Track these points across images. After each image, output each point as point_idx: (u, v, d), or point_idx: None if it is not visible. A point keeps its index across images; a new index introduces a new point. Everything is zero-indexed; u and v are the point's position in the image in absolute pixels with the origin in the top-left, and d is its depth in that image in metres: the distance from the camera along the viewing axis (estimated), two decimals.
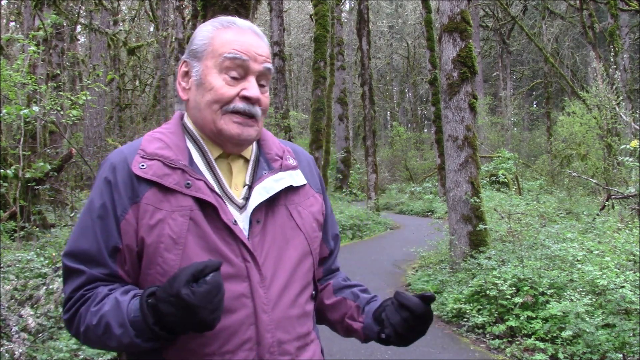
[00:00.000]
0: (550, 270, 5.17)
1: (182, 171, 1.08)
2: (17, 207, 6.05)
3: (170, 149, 1.11)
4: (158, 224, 1.04)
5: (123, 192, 1.07)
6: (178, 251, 1.03)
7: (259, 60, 1.13)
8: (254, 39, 1.14)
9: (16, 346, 2.96)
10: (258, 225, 1.11)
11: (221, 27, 1.14)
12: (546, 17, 23.81)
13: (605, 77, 13.02)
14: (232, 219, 1.08)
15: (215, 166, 1.14)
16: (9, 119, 5.29)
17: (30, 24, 9.88)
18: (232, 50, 1.11)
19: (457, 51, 6.86)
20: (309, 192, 1.23)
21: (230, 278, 1.04)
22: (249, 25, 1.16)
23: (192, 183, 1.07)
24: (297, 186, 1.20)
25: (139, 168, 1.07)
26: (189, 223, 1.04)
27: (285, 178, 1.17)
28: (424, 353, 4.50)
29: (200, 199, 1.06)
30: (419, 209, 18.51)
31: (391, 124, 39.50)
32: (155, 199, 1.06)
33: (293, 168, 1.21)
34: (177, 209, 1.05)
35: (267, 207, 1.13)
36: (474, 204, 6.55)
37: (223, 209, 1.07)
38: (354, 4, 27.02)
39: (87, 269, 1.06)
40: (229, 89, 1.11)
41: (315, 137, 14.74)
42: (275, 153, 1.22)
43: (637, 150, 5.81)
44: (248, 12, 4.46)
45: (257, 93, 1.12)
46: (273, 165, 1.19)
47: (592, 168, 12.55)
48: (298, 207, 1.18)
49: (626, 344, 3.92)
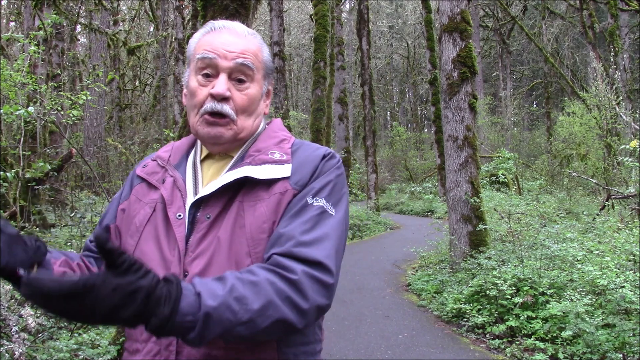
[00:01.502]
0: (550, 270, 5.17)
1: (165, 170, 1.20)
2: (17, 207, 6.05)
3: (170, 151, 1.24)
4: (133, 213, 1.17)
5: (128, 186, 1.25)
6: (136, 237, 1.12)
7: (229, 57, 1.12)
8: (227, 37, 1.15)
9: (16, 346, 2.95)
10: (206, 221, 1.07)
11: (205, 33, 1.18)
12: (546, 17, 23.81)
13: (605, 77, 13.02)
14: (179, 213, 1.10)
15: (197, 165, 1.20)
16: (8, 118, 5.29)
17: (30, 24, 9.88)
18: (201, 51, 1.14)
19: (457, 51, 6.86)
20: (280, 188, 1.09)
21: (160, 269, 1.07)
22: (227, 24, 1.17)
23: (166, 179, 1.17)
24: (266, 181, 1.09)
25: (141, 168, 1.24)
26: (151, 214, 1.14)
27: (244, 171, 1.09)
28: (424, 353, 4.50)
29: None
30: (419, 209, 18.51)
31: (391, 124, 39.51)
32: (141, 192, 1.19)
33: (275, 162, 1.11)
34: (149, 201, 1.16)
35: (227, 204, 1.09)
36: (474, 204, 6.55)
37: (174, 203, 1.12)
38: (354, 4, 27.02)
39: (88, 242, 1.26)
40: (201, 90, 1.14)
41: (315, 137, 14.74)
42: (255, 149, 1.16)
43: (637, 150, 5.81)
44: (248, 12, 4.45)
45: (220, 89, 1.11)
46: (246, 160, 1.13)
47: (592, 168, 12.55)
48: (258, 203, 1.08)
49: (626, 344, 3.92)
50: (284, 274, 0.96)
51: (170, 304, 0.82)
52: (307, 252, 1.00)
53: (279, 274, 0.96)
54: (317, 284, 0.98)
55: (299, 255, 0.99)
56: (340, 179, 1.15)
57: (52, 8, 9.30)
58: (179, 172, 1.18)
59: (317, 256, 1.00)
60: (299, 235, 1.02)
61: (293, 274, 0.96)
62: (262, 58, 1.19)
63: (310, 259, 0.99)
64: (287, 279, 0.95)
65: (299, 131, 25.81)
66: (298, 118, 24.88)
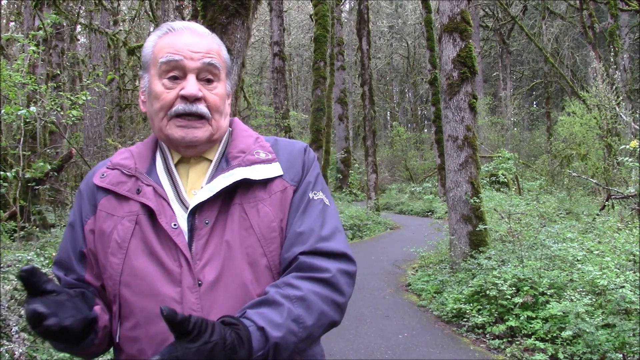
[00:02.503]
0: (550, 270, 5.17)
1: (136, 178, 1.11)
2: (17, 207, 6.05)
3: (132, 159, 1.15)
4: (108, 230, 1.08)
5: (87, 201, 1.14)
6: (122, 255, 1.06)
7: (196, 57, 1.10)
8: (190, 38, 1.12)
9: (16, 346, 2.95)
10: (205, 227, 1.05)
11: (162, 35, 1.14)
12: (546, 17, 23.80)
13: (605, 77, 13.02)
14: (173, 222, 1.05)
15: (173, 171, 1.14)
16: (9, 119, 5.29)
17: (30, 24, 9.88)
18: (165, 54, 1.10)
19: (457, 51, 6.86)
20: (278, 186, 1.12)
21: (164, 282, 1.03)
22: (186, 25, 1.15)
23: (142, 189, 1.09)
24: (264, 181, 1.10)
25: (99, 178, 1.14)
26: (135, 227, 1.07)
27: (239, 173, 1.09)
28: (424, 353, 4.50)
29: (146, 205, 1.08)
30: (419, 209, 18.51)
31: (391, 124, 39.50)
32: (109, 206, 1.11)
33: (263, 162, 1.12)
34: (126, 214, 1.08)
35: (222, 208, 1.08)
36: (474, 204, 6.55)
37: (164, 212, 1.06)
38: (354, 4, 27.02)
39: (63, 275, 1.13)
40: (168, 92, 1.10)
41: (315, 137, 14.74)
42: (238, 150, 1.15)
43: (637, 150, 5.81)
44: (248, 12, 4.45)
45: (192, 90, 1.08)
46: (231, 162, 1.12)
47: (592, 168, 12.55)
48: (260, 204, 1.09)
49: (626, 344, 3.92)
50: (322, 277, 1.03)
51: (245, 347, 0.90)
52: (330, 245, 1.07)
53: (316, 279, 1.03)
54: (347, 277, 1.07)
55: (325, 250, 1.06)
56: (319, 170, 1.22)
57: (52, 8, 9.29)
58: (153, 180, 1.11)
59: (340, 248, 1.08)
60: (318, 231, 1.08)
61: (328, 273, 1.04)
62: (224, 57, 1.18)
63: (336, 252, 1.07)
64: (325, 282, 1.03)
65: (299, 131, 25.80)
66: (298, 118, 24.87)
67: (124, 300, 1.05)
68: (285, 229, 1.11)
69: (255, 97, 24.35)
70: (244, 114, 16.07)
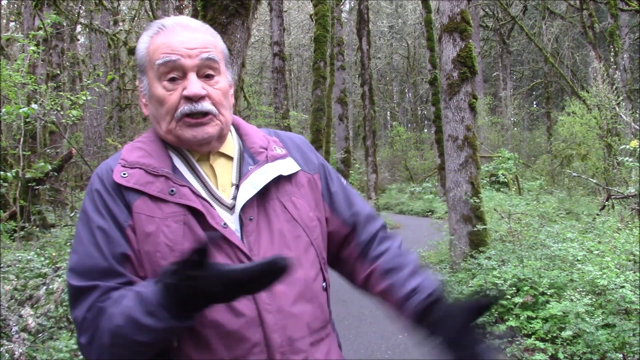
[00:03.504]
0: (550, 270, 5.17)
1: (166, 178, 1.06)
2: (17, 207, 6.05)
3: (152, 157, 1.09)
4: (152, 232, 1.02)
5: (118, 200, 1.05)
6: (175, 259, 0.98)
7: (193, 54, 1.07)
8: (183, 34, 1.09)
9: (16, 346, 2.95)
10: (251, 223, 1.07)
11: (154, 34, 1.12)
12: (546, 17, 23.80)
13: (605, 77, 13.01)
14: (222, 222, 1.05)
15: (199, 169, 1.12)
16: (9, 118, 5.29)
17: (30, 24, 9.88)
18: (161, 56, 1.07)
19: (457, 51, 6.86)
20: (302, 179, 1.18)
21: None
22: (178, 21, 1.12)
23: (177, 190, 1.05)
24: (289, 175, 1.15)
25: (121, 177, 1.06)
26: (184, 229, 1.03)
27: (272, 169, 1.12)
28: (424, 353, 4.49)
29: (188, 206, 1.04)
30: (419, 209, 18.51)
31: (391, 124, 39.51)
32: (146, 207, 1.04)
33: (282, 157, 1.16)
34: (169, 215, 1.03)
35: (259, 203, 1.10)
36: (474, 204, 6.55)
37: (211, 213, 1.05)
38: (354, 4, 27.01)
39: (102, 282, 1.00)
40: (170, 95, 1.07)
41: (315, 137, 14.74)
42: (259, 145, 1.17)
43: (637, 150, 5.81)
44: (248, 12, 4.45)
45: (195, 90, 1.06)
46: (258, 158, 1.14)
47: (592, 168, 12.56)
48: (292, 197, 1.14)
49: (626, 344, 3.92)
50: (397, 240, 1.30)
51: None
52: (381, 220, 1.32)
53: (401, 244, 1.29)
54: None
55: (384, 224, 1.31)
56: None
57: (52, 8, 9.30)
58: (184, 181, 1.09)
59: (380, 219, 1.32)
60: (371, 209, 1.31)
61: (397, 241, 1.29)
62: (221, 48, 1.16)
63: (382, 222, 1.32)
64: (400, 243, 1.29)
65: (299, 131, 25.79)
66: (298, 118, 24.88)
67: None
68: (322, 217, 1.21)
69: (255, 97, 24.34)
70: (244, 114, 16.06)
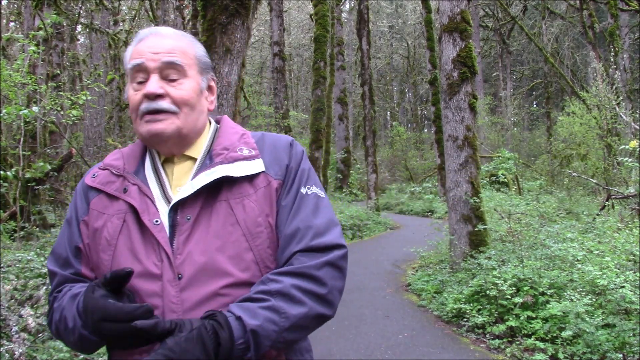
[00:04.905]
0: (550, 270, 5.17)
1: (123, 178, 1.17)
2: (17, 207, 6.05)
3: (122, 159, 1.21)
4: (99, 227, 1.14)
5: (82, 200, 1.20)
6: (110, 252, 1.11)
7: (156, 58, 1.14)
8: (152, 40, 1.17)
9: (16, 346, 2.95)
10: (187, 223, 1.09)
11: (134, 44, 1.20)
12: (546, 17, 23.80)
13: (605, 77, 13.01)
14: (155, 219, 1.10)
15: (160, 169, 1.18)
16: (9, 119, 5.29)
17: (30, 24, 9.88)
18: (129, 61, 1.17)
19: (457, 51, 6.86)
20: (262, 182, 1.14)
21: (144, 276, 1.07)
22: (154, 30, 1.20)
23: (128, 188, 1.15)
24: (247, 177, 1.13)
25: (90, 178, 1.21)
26: (122, 225, 1.12)
27: (222, 170, 1.12)
28: (424, 353, 4.50)
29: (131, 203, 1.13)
30: (419, 209, 18.51)
31: (391, 124, 39.50)
32: (100, 205, 1.16)
33: (245, 159, 1.15)
34: (115, 212, 1.14)
35: (206, 204, 1.11)
36: (474, 204, 6.55)
37: (148, 210, 1.11)
38: (354, 4, 27.01)
39: (60, 270, 1.17)
40: (135, 95, 1.15)
41: (315, 137, 14.74)
42: (222, 147, 1.18)
43: (637, 150, 5.81)
44: (248, 12, 4.45)
45: (151, 88, 1.12)
46: (215, 160, 1.15)
47: (592, 168, 12.56)
48: (245, 199, 1.12)
49: (626, 344, 3.92)
50: (303, 271, 1.06)
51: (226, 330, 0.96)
52: (324, 240, 1.10)
53: (298, 273, 1.06)
54: (333, 269, 1.10)
55: (320, 246, 1.10)
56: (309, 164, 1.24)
57: (52, 8, 9.29)
58: (139, 179, 1.16)
59: (333, 240, 1.11)
60: (314, 227, 1.11)
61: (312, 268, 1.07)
62: (192, 54, 1.20)
63: (329, 245, 1.10)
64: (306, 275, 1.06)
65: (299, 131, 25.81)
66: (298, 118, 24.87)
67: None
68: (273, 224, 1.13)
69: (255, 97, 24.35)
70: (244, 114, 16.07)
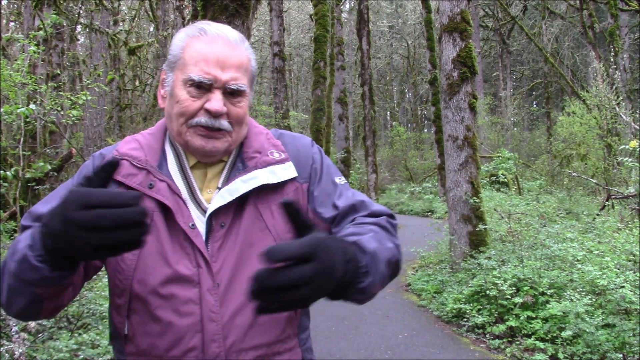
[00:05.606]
0: (550, 270, 5.17)
1: (147, 172, 1.08)
2: (17, 207, 6.05)
3: (142, 150, 1.12)
4: None
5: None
6: (135, 251, 1.02)
7: (224, 79, 1.07)
8: (219, 47, 1.08)
9: (16, 346, 2.96)
10: (221, 230, 1.06)
11: (192, 36, 1.10)
12: (546, 17, 23.79)
13: (605, 77, 13.01)
14: (191, 222, 1.05)
15: (187, 170, 1.12)
16: (9, 118, 5.29)
17: (30, 24, 9.88)
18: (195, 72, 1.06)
19: (457, 51, 6.86)
20: (290, 187, 1.14)
21: (181, 283, 1.02)
22: (218, 32, 1.10)
23: (155, 184, 1.07)
24: (278, 182, 1.11)
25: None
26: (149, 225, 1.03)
27: (257, 177, 1.09)
28: (424, 353, 4.50)
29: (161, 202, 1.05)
30: (419, 209, 18.51)
31: (391, 124, 39.49)
32: None
33: (277, 162, 1.13)
34: None
35: (237, 209, 1.08)
36: (474, 204, 6.55)
37: (181, 211, 1.05)
38: (354, 4, 27.01)
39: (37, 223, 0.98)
40: (192, 102, 1.07)
41: (315, 137, 14.74)
42: (253, 150, 1.15)
43: (637, 150, 5.81)
44: (248, 12, 4.45)
45: (218, 107, 1.06)
46: (248, 163, 1.12)
47: (592, 168, 12.56)
48: (272, 205, 1.10)
49: (626, 344, 3.92)
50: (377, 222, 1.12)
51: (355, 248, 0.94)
52: (382, 209, 1.17)
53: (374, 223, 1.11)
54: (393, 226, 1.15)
55: (376, 212, 1.16)
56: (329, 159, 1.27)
57: (52, 8, 9.29)
58: (165, 175, 1.09)
59: (385, 210, 1.18)
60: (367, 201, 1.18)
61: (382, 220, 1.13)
62: (251, 69, 1.15)
63: (383, 212, 1.17)
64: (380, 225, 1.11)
65: (299, 131, 25.78)
66: (298, 118, 24.89)
67: (135, 295, 1.04)
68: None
69: (255, 97, 24.35)
70: None
